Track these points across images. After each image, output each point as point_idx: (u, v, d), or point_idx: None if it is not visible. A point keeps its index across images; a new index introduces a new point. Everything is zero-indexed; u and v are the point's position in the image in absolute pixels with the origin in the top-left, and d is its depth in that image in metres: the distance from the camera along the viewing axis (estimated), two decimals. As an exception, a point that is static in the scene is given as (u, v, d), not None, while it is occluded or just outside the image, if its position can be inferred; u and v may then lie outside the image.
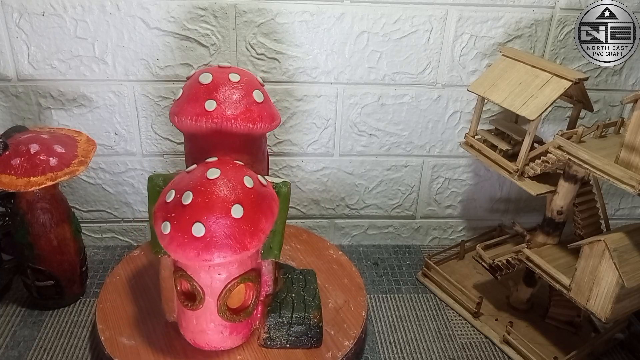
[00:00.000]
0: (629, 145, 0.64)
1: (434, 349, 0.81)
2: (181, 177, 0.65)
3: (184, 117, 0.66)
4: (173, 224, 0.60)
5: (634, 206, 1.08)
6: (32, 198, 0.76)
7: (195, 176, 0.63)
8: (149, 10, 0.82)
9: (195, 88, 0.67)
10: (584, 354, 0.78)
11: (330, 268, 0.87)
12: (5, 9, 0.80)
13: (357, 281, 0.85)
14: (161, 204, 0.63)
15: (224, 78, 0.68)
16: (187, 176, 0.64)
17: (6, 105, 0.86)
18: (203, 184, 0.61)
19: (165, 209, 0.62)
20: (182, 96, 0.69)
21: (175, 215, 0.61)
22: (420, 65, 0.90)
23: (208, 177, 0.62)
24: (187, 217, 0.60)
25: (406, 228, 1.05)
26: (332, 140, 0.94)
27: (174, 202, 0.62)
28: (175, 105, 0.69)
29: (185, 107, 0.67)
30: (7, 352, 0.76)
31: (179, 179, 0.65)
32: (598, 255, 0.67)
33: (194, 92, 0.67)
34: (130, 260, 0.86)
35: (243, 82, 0.68)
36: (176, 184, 0.64)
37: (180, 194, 0.62)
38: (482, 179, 1.01)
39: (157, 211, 0.64)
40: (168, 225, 0.61)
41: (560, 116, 0.96)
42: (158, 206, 0.64)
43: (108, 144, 0.91)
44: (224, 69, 0.69)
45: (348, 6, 0.84)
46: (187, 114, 0.66)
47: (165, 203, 0.63)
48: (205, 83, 0.67)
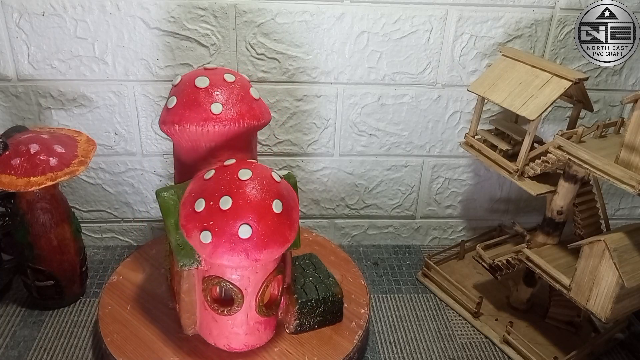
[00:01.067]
0: (629, 145, 0.64)
1: (434, 349, 0.81)
2: (203, 185, 0.63)
3: (188, 124, 0.65)
4: (214, 231, 0.60)
5: (634, 206, 1.08)
6: (32, 198, 0.76)
7: (226, 180, 0.62)
8: (149, 10, 0.82)
9: (194, 93, 0.66)
10: (584, 354, 0.78)
11: (313, 250, 0.88)
12: (5, 9, 0.80)
13: (342, 255, 0.90)
14: (190, 215, 0.62)
15: (220, 79, 0.67)
16: (211, 182, 0.62)
17: (6, 105, 0.86)
18: (239, 186, 0.61)
19: (199, 218, 0.61)
20: (178, 103, 0.66)
21: (215, 222, 0.60)
22: (420, 65, 0.90)
23: (241, 179, 0.61)
24: (230, 222, 0.59)
25: (406, 228, 1.05)
26: (332, 140, 0.94)
27: (208, 209, 0.60)
28: (171, 114, 0.66)
29: (188, 114, 0.65)
30: (7, 352, 0.76)
31: (201, 187, 0.63)
32: (598, 255, 0.67)
33: (193, 97, 0.66)
34: (132, 262, 0.86)
35: (239, 82, 0.68)
36: (203, 192, 0.62)
37: (215, 200, 0.60)
38: (482, 179, 1.01)
39: (187, 223, 0.62)
40: (209, 234, 0.60)
41: (560, 116, 0.96)
42: (186, 218, 0.62)
43: (108, 144, 0.91)
44: (214, 71, 0.68)
45: (348, 6, 0.84)
46: (192, 120, 0.65)
47: (195, 213, 0.61)
48: (203, 87, 0.66)
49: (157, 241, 0.91)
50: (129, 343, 0.71)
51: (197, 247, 0.62)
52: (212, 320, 0.69)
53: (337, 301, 0.75)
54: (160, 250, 0.88)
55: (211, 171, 0.64)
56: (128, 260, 0.86)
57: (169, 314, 0.76)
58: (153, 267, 0.84)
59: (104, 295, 0.79)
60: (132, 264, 0.86)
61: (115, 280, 0.82)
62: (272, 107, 0.90)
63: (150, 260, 0.86)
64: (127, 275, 0.83)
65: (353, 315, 0.78)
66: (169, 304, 0.77)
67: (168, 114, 0.67)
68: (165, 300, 0.78)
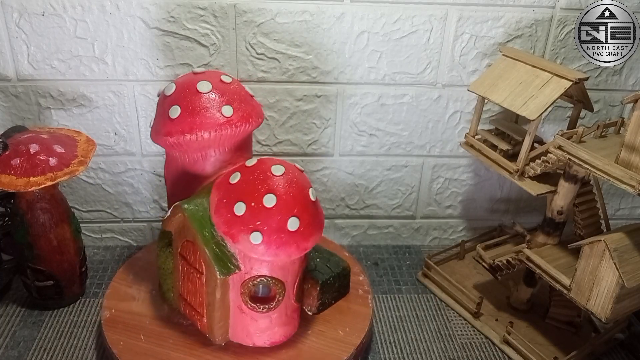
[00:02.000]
0: (629, 145, 0.64)
1: (434, 349, 0.81)
2: (234, 189, 0.63)
3: (202, 131, 0.63)
4: (264, 230, 0.61)
5: (634, 206, 1.08)
6: (32, 198, 0.76)
7: (261, 179, 0.62)
8: (149, 10, 0.82)
9: (199, 99, 0.64)
10: (584, 354, 0.78)
11: None
12: (5, 9, 0.80)
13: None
14: (231, 221, 0.62)
15: (219, 81, 0.67)
16: (244, 184, 0.63)
17: (6, 105, 0.86)
18: (277, 182, 0.62)
19: (243, 222, 0.61)
20: (183, 112, 0.64)
21: (262, 221, 0.61)
22: (420, 65, 0.90)
23: (276, 174, 0.63)
24: (278, 218, 0.61)
25: (406, 228, 1.05)
26: (332, 140, 0.94)
27: (252, 211, 0.61)
28: (178, 124, 0.64)
29: (199, 121, 0.63)
30: (7, 352, 0.76)
31: (232, 191, 0.63)
32: (598, 255, 0.67)
33: (200, 103, 0.64)
34: (133, 264, 0.86)
35: (235, 82, 0.69)
36: (240, 196, 0.62)
37: (257, 200, 0.61)
38: (482, 179, 1.01)
39: (231, 229, 0.62)
40: (259, 234, 0.61)
41: (561, 116, 0.96)
42: (228, 225, 0.62)
43: (108, 144, 0.91)
44: (207, 74, 0.67)
45: (348, 6, 0.84)
46: (205, 126, 0.63)
47: (237, 217, 0.61)
48: (207, 91, 0.65)
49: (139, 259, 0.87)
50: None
51: (246, 250, 0.62)
52: (251, 321, 0.69)
53: (348, 274, 0.81)
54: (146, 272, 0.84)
55: (236, 174, 0.64)
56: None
57: (184, 332, 0.73)
58: (141, 290, 0.80)
59: (109, 332, 0.75)
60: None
61: (110, 316, 0.76)
62: (272, 107, 0.90)
63: (137, 286, 0.81)
64: (119, 307, 0.77)
65: (358, 284, 0.84)
66: (183, 322, 0.74)
67: (173, 125, 0.64)
68: (172, 321, 0.75)
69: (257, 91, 0.89)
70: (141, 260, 0.86)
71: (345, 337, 0.74)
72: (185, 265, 0.70)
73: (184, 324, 0.74)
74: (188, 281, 0.70)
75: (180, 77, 0.69)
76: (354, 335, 0.74)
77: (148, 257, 0.86)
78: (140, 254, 0.88)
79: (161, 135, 0.66)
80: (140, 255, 0.87)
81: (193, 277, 0.69)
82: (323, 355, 0.72)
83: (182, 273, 0.71)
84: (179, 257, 0.70)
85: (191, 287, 0.70)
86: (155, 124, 0.68)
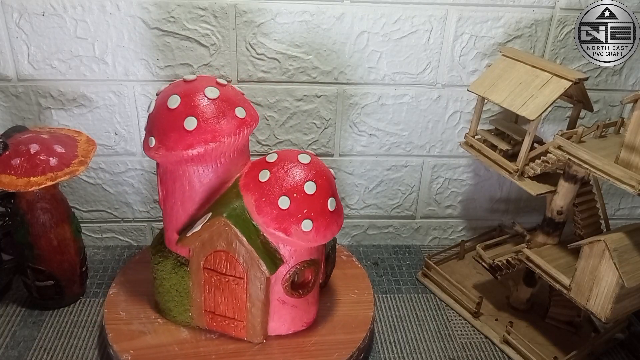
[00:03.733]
0: (629, 145, 0.64)
1: (434, 349, 0.81)
2: (270, 185, 0.64)
3: (225, 137, 0.62)
4: (312, 216, 0.64)
5: (634, 206, 1.08)
6: (32, 198, 0.76)
7: (294, 171, 0.65)
8: (149, 10, 0.82)
9: (214, 105, 0.63)
10: (584, 354, 0.78)
11: None
12: (5, 9, 0.80)
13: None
14: (281, 216, 0.64)
15: (220, 85, 0.66)
16: (279, 179, 0.64)
17: (6, 105, 0.86)
18: (311, 169, 0.66)
19: (291, 214, 0.64)
20: (201, 121, 0.62)
21: (308, 209, 0.64)
22: (420, 65, 0.90)
23: (305, 163, 0.66)
24: (320, 202, 0.65)
25: (406, 228, 1.05)
26: (332, 140, 0.94)
27: (296, 201, 0.64)
28: (199, 134, 0.62)
29: (220, 128, 0.63)
30: (7, 352, 0.76)
31: (270, 188, 0.64)
32: (598, 255, 0.67)
33: (215, 109, 0.63)
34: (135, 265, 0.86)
35: (230, 85, 0.68)
36: (281, 190, 0.64)
37: (298, 191, 0.64)
38: (482, 179, 1.01)
39: (283, 224, 0.64)
40: (309, 222, 0.64)
41: (560, 116, 0.96)
42: (278, 220, 0.64)
43: (108, 144, 0.91)
44: (203, 79, 0.66)
45: (348, 6, 0.84)
46: (227, 132, 0.63)
47: (285, 211, 0.64)
48: (215, 97, 0.64)
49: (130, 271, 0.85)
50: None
51: (299, 239, 0.65)
52: (292, 309, 0.72)
53: (335, 243, 0.84)
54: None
55: (264, 172, 0.65)
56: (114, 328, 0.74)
57: (219, 345, 0.73)
58: (144, 323, 0.75)
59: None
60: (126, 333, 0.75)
61: (121, 287, 0.80)
62: (272, 107, 0.90)
63: (136, 320, 0.76)
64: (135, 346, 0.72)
65: (341, 253, 0.90)
66: (212, 336, 0.74)
67: (192, 136, 0.62)
68: (199, 339, 0.74)
69: (257, 91, 0.89)
70: (123, 290, 0.80)
71: (359, 297, 0.82)
72: (214, 276, 0.69)
73: (213, 337, 0.74)
74: (218, 292, 0.70)
75: (177, 88, 0.65)
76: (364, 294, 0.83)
77: (127, 285, 0.81)
78: (116, 287, 0.81)
79: (179, 150, 0.63)
80: (117, 288, 0.81)
81: (226, 286, 0.69)
82: (355, 314, 0.79)
83: (209, 286, 0.70)
84: (202, 272, 0.70)
85: (222, 297, 0.70)
86: (164, 140, 0.63)
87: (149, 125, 0.66)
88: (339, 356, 0.72)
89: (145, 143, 0.67)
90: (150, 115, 0.66)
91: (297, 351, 0.72)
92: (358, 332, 0.76)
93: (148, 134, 0.66)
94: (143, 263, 0.83)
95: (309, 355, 0.72)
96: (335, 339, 0.75)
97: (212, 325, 0.74)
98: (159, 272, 0.73)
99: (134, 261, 0.86)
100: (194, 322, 0.74)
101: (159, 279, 0.73)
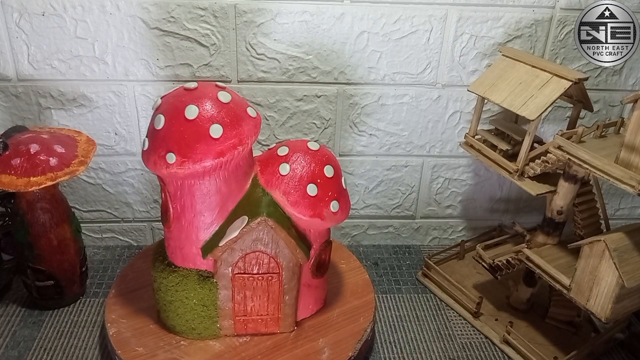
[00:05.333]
0: (629, 145, 0.64)
1: (434, 349, 0.81)
2: (298, 175, 0.67)
3: (249, 138, 0.63)
4: (336, 197, 0.68)
5: (634, 206, 1.08)
6: (32, 198, 0.76)
7: (311, 159, 0.68)
8: (149, 10, 0.82)
9: (231, 109, 0.62)
10: (584, 354, 0.78)
11: None
12: (5, 9, 0.80)
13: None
14: (312, 203, 0.67)
15: (223, 89, 0.66)
16: (302, 169, 0.67)
17: (6, 105, 0.86)
18: (323, 154, 0.69)
19: (320, 199, 0.67)
20: (226, 127, 0.61)
21: (332, 191, 0.68)
22: (420, 65, 0.90)
23: (316, 149, 0.69)
24: (338, 182, 0.69)
25: (406, 228, 1.05)
26: (332, 140, 0.94)
27: (321, 187, 0.67)
28: (226, 139, 0.61)
29: (242, 130, 0.62)
30: (7, 352, 0.76)
31: (298, 178, 0.67)
32: (598, 255, 0.67)
33: (234, 113, 0.62)
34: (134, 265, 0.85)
35: (229, 88, 0.68)
36: (307, 179, 0.67)
37: (321, 176, 0.68)
38: (482, 179, 1.01)
39: (316, 209, 0.67)
40: (336, 203, 0.68)
41: (560, 116, 0.96)
42: (310, 207, 0.67)
43: (108, 144, 0.91)
44: (206, 86, 0.64)
45: (348, 6, 0.84)
46: (249, 133, 0.63)
47: (314, 197, 0.67)
48: (229, 100, 0.63)
49: None
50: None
51: (330, 221, 0.68)
52: (315, 290, 0.76)
53: None
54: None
55: (284, 166, 0.67)
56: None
57: (255, 346, 0.73)
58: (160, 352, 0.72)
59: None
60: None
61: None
62: (272, 107, 0.90)
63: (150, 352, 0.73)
64: (133, 281, 0.79)
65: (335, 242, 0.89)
66: (244, 339, 0.74)
67: (219, 143, 0.61)
68: (234, 346, 0.73)
69: (257, 91, 0.89)
70: (131, 324, 0.75)
71: (349, 266, 0.87)
72: (248, 279, 0.70)
73: (246, 340, 0.74)
74: (249, 294, 0.71)
75: (188, 97, 0.62)
76: (350, 261, 0.88)
77: (132, 317, 0.76)
78: (124, 322, 0.75)
79: (209, 160, 0.61)
80: (124, 324, 0.75)
81: (259, 285, 0.70)
82: (355, 281, 0.85)
83: (241, 290, 0.70)
84: (232, 278, 0.69)
85: (254, 298, 0.71)
86: (190, 152, 0.61)
87: (161, 142, 0.62)
88: (364, 319, 0.78)
89: (157, 162, 0.62)
90: (160, 131, 0.62)
91: (328, 326, 0.76)
92: (367, 294, 0.82)
93: (162, 151, 0.61)
94: (142, 289, 0.81)
95: (340, 326, 0.76)
96: (352, 305, 0.80)
97: (242, 329, 0.73)
98: (180, 293, 0.69)
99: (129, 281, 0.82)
100: (222, 332, 0.73)
101: (179, 300, 0.70)
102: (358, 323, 0.77)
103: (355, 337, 0.75)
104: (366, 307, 0.80)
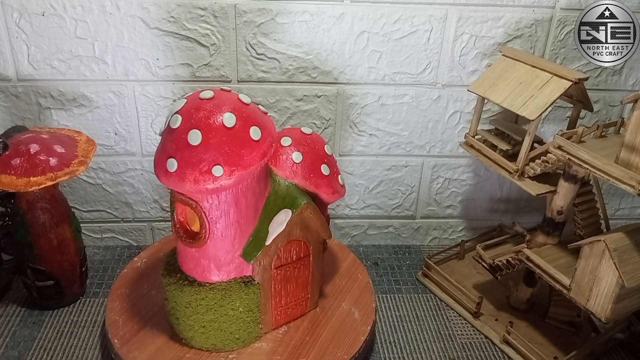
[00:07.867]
0: (629, 145, 0.64)
1: (434, 349, 0.81)
2: (311, 160, 0.70)
3: (281, 137, 0.70)
4: (339, 171, 0.74)
5: (634, 206, 1.08)
6: (32, 198, 0.76)
7: (314, 142, 0.72)
8: (149, 10, 0.82)
9: (255, 110, 0.63)
10: (584, 354, 0.78)
11: None
12: (5, 9, 0.80)
13: None
14: (329, 182, 0.71)
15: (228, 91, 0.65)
16: (312, 152, 0.70)
17: (6, 105, 0.86)
18: (317, 135, 0.74)
19: (332, 176, 0.72)
20: (263, 130, 0.61)
21: (335, 166, 0.73)
22: (420, 65, 0.90)
23: (310, 133, 0.73)
24: (334, 158, 0.75)
25: (406, 228, 1.05)
26: (332, 140, 0.94)
27: (329, 164, 0.72)
28: (265, 142, 0.61)
29: (272, 128, 0.64)
30: (7, 352, 0.76)
31: (313, 162, 0.70)
32: (598, 255, 0.67)
33: (260, 112, 0.63)
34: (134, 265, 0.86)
35: None
36: (319, 161, 0.71)
37: (326, 156, 0.72)
38: (482, 179, 1.01)
39: (334, 187, 0.72)
40: (340, 177, 0.75)
41: (560, 116, 0.96)
42: (329, 186, 0.71)
43: (108, 144, 0.91)
44: (223, 93, 0.63)
45: (348, 6, 0.84)
46: (275, 131, 0.64)
47: (328, 176, 0.71)
48: (250, 101, 0.63)
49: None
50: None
51: (340, 193, 0.73)
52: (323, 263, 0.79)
53: None
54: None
55: (297, 154, 0.69)
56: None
57: (292, 338, 0.74)
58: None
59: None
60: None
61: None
62: (272, 107, 0.90)
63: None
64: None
65: None
66: (285, 328, 0.75)
67: (261, 145, 0.61)
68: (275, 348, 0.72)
69: (257, 91, 0.89)
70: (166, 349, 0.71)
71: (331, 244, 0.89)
72: (285, 270, 0.71)
73: (286, 329, 0.75)
74: (286, 284, 0.72)
75: (212, 105, 0.60)
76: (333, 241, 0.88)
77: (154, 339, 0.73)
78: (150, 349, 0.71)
79: (256, 163, 0.60)
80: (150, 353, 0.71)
81: (294, 272, 0.72)
82: (346, 257, 0.90)
83: (280, 284, 0.71)
84: (273, 274, 0.70)
85: (290, 286, 0.73)
86: (238, 160, 0.59)
87: (203, 157, 0.58)
88: (364, 319, 0.79)
89: (200, 178, 0.59)
90: (198, 146, 0.58)
91: (347, 294, 0.82)
92: (367, 294, 0.83)
93: (205, 166, 0.58)
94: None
95: (360, 291, 0.82)
96: (358, 279, 0.85)
97: (280, 321, 0.75)
98: (224, 308, 0.67)
99: None
100: (263, 330, 0.73)
101: (223, 315, 0.68)
102: (371, 295, 0.81)
103: (368, 290, 0.82)
104: (366, 307, 0.80)
